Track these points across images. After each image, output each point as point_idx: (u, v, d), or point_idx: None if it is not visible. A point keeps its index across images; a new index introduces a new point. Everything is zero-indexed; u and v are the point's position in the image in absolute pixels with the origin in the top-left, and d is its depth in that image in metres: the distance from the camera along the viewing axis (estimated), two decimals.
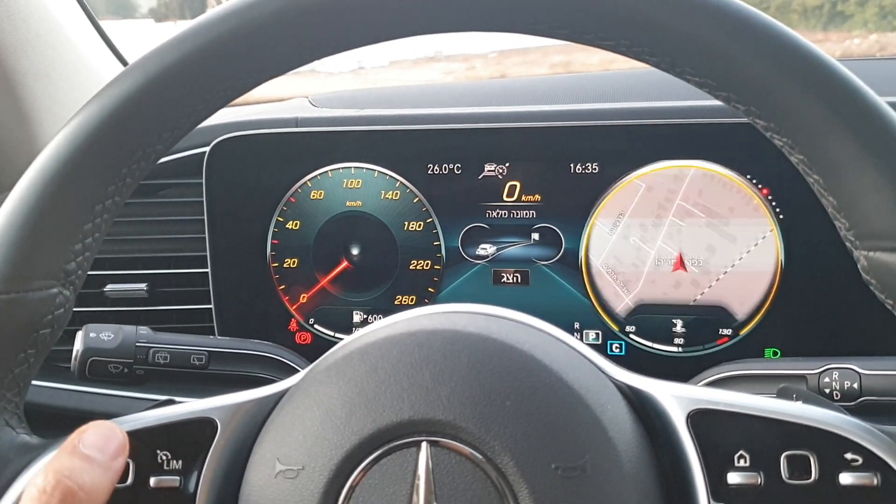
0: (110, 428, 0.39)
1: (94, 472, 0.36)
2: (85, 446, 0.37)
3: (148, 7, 3.67)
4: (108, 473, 0.37)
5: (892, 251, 0.34)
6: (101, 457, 0.37)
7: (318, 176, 0.80)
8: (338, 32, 0.38)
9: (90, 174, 0.38)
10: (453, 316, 0.42)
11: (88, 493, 0.35)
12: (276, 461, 0.37)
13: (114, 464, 0.38)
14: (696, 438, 0.38)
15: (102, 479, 0.37)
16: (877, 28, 2.32)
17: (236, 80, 0.39)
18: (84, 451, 0.37)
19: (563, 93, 0.91)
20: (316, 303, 0.82)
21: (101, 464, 0.37)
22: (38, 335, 0.39)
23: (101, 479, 0.37)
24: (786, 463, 0.37)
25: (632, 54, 0.38)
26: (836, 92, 0.34)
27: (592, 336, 0.78)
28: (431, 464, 0.35)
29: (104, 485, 0.37)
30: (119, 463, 0.38)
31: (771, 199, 0.73)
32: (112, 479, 0.37)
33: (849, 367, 0.55)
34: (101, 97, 0.38)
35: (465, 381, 0.37)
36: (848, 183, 0.35)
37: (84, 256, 0.40)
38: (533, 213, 0.77)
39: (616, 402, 0.39)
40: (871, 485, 0.36)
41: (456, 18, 0.38)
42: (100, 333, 0.60)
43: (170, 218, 0.84)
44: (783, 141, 0.36)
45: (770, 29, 0.35)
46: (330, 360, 0.41)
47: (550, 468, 0.35)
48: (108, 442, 0.38)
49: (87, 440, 0.38)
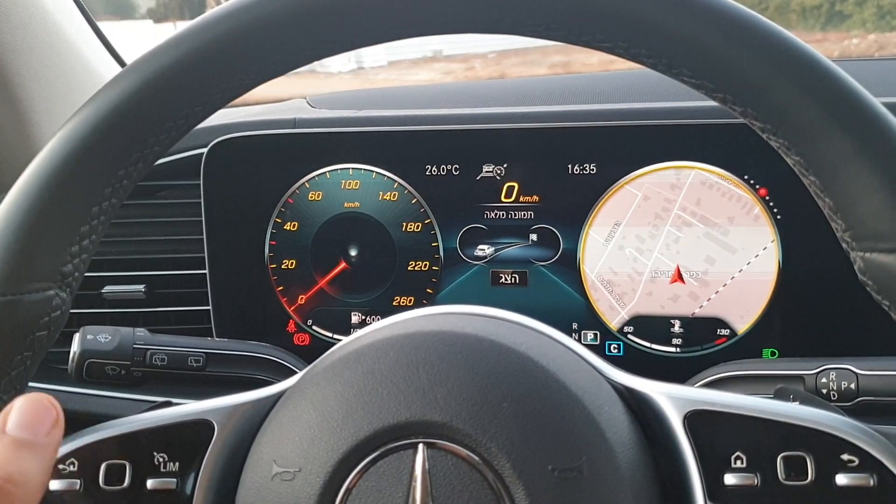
0: (37, 400, 0.35)
1: (24, 458, 0.32)
2: (11, 428, 0.33)
3: (147, 8, 3.68)
4: (41, 454, 0.33)
5: (888, 252, 0.34)
6: (32, 436, 0.33)
7: (315, 177, 0.80)
8: (335, 34, 0.38)
9: (87, 176, 0.38)
10: (450, 317, 0.42)
11: (20, 484, 0.32)
12: (273, 463, 0.37)
13: (48, 440, 0.34)
14: (692, 439, 0.38)
15: (35, 463, 0.33)
16: (875, 28, 2.32)
17: (234, 82, 0.39)
18: (11, 434, 0.33)
19: (561, 93, 0.91)
20: (314, 304, 0.81)
21: (32, 445, 0.33)
22: (35, 337, 0.39)
23: (33, 463, 0.33)
24: (782, 464, 0.37)
25: (629, 56, 0.38)
26: (831, 93, 0.34)
27: (591, 337, 0.78)
28: (428, 465, 0.35)
29: (38, 468, 0.33)
30: (54, 437, 0.34)
31: (768, 199, 0.73)
32: (48, 457, 0.34)
33: (846, 367, 0.54)
34: (97, 99, 0.38)
35: (462, 383, 0.37)
36: (844, 184, 0.35)
37: (81, 258, 0.40)
38: (531, 214, 0.77)
39: (613, 403, 0.39)
40: (867, 485, 0.36)
41: (451, 20, 0.38)
42: (97, 335, 0.59)
43: (168, 219, 0.84)
44: (779, 142, 0.36)
45: (766, 30, 0.35)
46: (327, 361, 0.41)
47: (547, 469, 0.35)
48: (38, 417, 0.34)
49: (14, 420, 0.34)
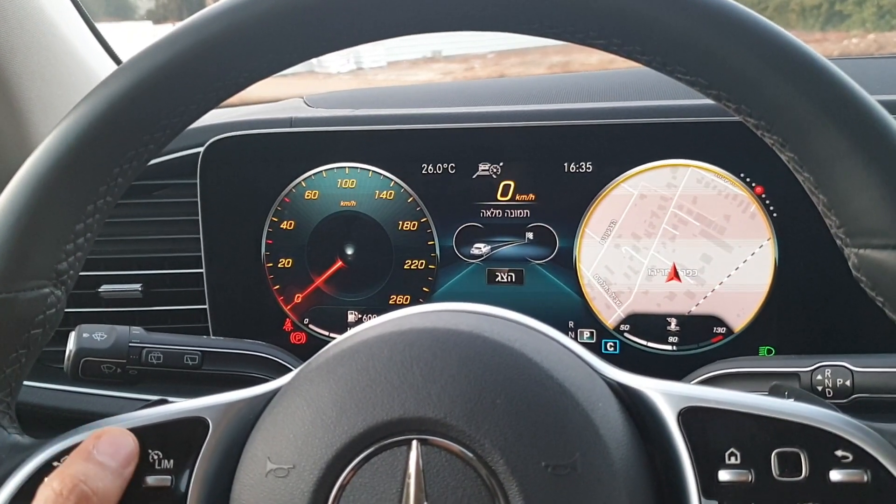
0: (123, 435, 0.40)
1: (107, 478, 0.38)
2: (99, 452, 0.39)
3: (146, 9, 3.68)
4: (118, 480, 0.38)
5: (881, 248, 0.34)
6: (114, 463, 0.39)
7: (312, 176, 0.80)
8: (329, 32, 0.38)
9: (81, 174, 0.38)
10: (444, 314, 0.42)
11: (101, 498, 0.37)
12: (267, 460, 0.37)
13: (125, 471, 0.39)
14: (687, 436, 0.38)
15: (114, 485, 0.38)
16: (875, 27, 2.32)
17: (228, 80, 0.39)
18: (98, 458, 0.38)
19: (558, 92, 0.91)
20: (311, 303, 0.81)
21: (114, 470, 0.38)
22: (30, 335, 0.39)
23: (113, 485, 0.38)
24: (776, 460, 0.37)
25: (623, 53, 0.38)
26: (825, 89, 0.34)
27: (587, 335, 0.78)
28: (422, 462, 0.35)
29: (115, 491, 0.38)
30: (129, 471, 0.39)
31: (764, 197, 0.73)
32: (122, 485, 0.39)
33: (841, 364, 0.54)
34: (91, 97, 0.38)
35: (456, 380, 0.37)
36: (838, 180, 0.35)
37: (76, 256, 0.40)
38: (527, 213, 0.77)
39: (607, 399, 0.39)
40: (861, 482, 0.36)
41: (445, 18, 0.38)
42: (93, 334, 0.59)
43: (164, 218, 0.84)
44: (773, 139, 0.36)
45: (759, 26, 0.35)
46: (321, 359, 0.41)
47: (540, 466, 0.35)
48: (121, 449, 0.39)
49: (102, 447, 0.39)
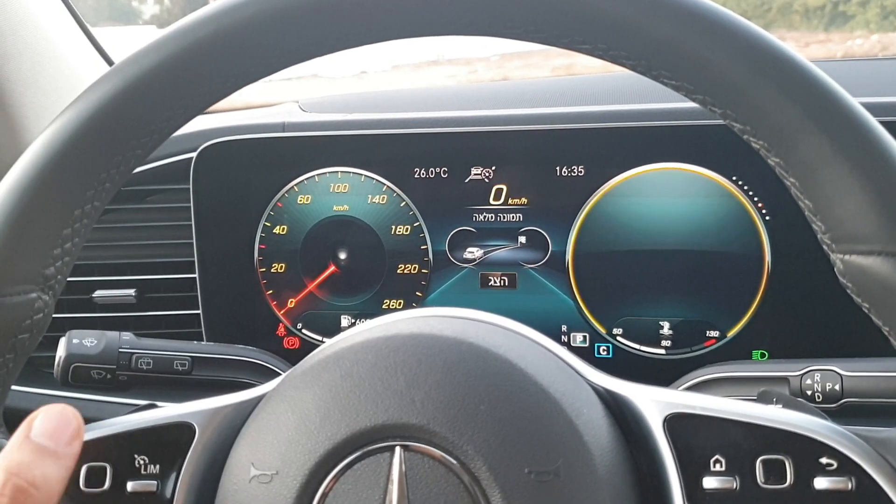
0: (61, 412, 0.36)
1: (46, 463, 0.34)
2: (36, 435, 0.35)
3: (150, 14, 3.68)
4: (61, 462, 0.35)
5: (866, 254, 0.34)
6: (53, 445, 0.35)
7: (305, 181, 0.80)
8: (318, 36, 0.38)
9: (69, 179, 0.38)
10: (430, 320, 0.42)
11: (41, 488, 0.33)
12: (251, 466, 0.37)
13: (68, 450, 0.36)
14: (672, 442, 0.38)
15: (55, 469, 0.35)
16: (879, 28, 2.31)
17: (216, 84, 0.39)
18: (35, 441, 0.35)
19: (553, 95, 0.91)
20: (304, 307, 0.81)
21: (53, 453, 0.35)
22: (17, 340, 0.39)
23: (54, 470, 0.34)
24: (761, 467, 0.37)
25: (608, 58, 0.38)
26: (809, 94, 0.34)
27: (580, 339, 0.77)
28: (405, 468, 0.35)
29: (58, 476, 0.35)
30: (74, 448, 0.36)
31: (757, 201, 0.73)
32: (67, 466, 0.35)
33: (830, 369, 0.54)
34: (79, 102, 0.38)
35: (439, 386, 0.36)
36: (823, 186, 0.34)
37: (63, 261, 0.39)
38: (520, 217, 0.77)
39: (592, 405, 0.39)
40: (845, 489, 0.36)
41: (431, 22, 0.38)
42: (83, 339, 0.59)
43: (157, 224, 0.84)
44: (759, 144, 0.36)
45: (743, 31, 0.35)
46: (306, 364, 0.41)
47: (523, 472, 0.35)
48: (60, 427, 0.36)
49: (38, 428, 0.35)
